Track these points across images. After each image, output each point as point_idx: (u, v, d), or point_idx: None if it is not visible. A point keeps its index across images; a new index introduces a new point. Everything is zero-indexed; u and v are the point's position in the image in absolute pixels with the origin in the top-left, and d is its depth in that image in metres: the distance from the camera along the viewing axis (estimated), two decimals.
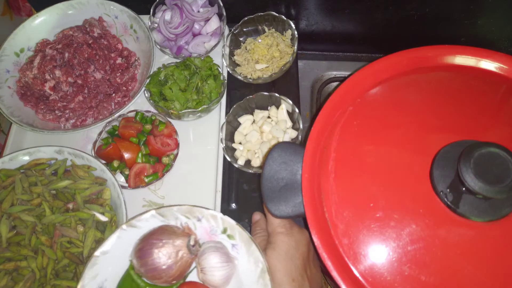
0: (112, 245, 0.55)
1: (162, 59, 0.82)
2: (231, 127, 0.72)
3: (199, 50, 0.79)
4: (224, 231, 0.56)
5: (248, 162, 0.70)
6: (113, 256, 0.55)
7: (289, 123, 0.71)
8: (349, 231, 0.43)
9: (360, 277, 0.41)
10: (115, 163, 0.69)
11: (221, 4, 0.79)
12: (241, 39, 0.81)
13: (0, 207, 0.61)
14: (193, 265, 0.56)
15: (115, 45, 0.82)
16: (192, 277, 0.57)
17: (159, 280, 0.53)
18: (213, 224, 0.56)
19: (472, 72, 0.51)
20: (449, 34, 0.83)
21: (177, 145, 0.71)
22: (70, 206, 0.62)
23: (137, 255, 0.53)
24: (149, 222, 0.56)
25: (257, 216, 0.62)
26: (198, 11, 0.80)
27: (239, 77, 0.76)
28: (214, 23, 0.79)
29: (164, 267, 0.52)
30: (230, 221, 0.55)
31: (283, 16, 0.77)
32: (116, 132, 0.72)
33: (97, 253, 0.54)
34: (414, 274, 0.40)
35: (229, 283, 0.54)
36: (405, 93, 0.51)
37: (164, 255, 0.52)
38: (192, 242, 0.54)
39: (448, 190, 0.41)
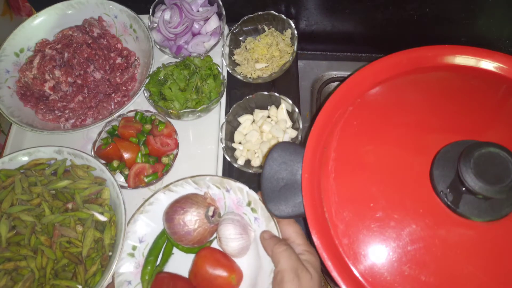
0: (152, 205, 0.63)
1: (162, 58, 0.82)
2: (231, 126, 0.72)
3: (199, 49, 0.79)
4: (249, 204, 0.61)
5: (248, 162, 0.70)
6: (152, 215, 0.63)
7: (289, 123, 0.71)
8: (349, 231, 0.43)
9: (360, 277, 0.41)
10: (115, 163, 0.69)
11: (221, 3, 0.79)
12: (240, 38, 0.81)
13: (0, 207, 0.61)
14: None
15: (114, 45, 0.82)
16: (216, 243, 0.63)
17: (181, 242, 0.60)
18: (240, 196, 0.61)
19: (472, 72, 0.51)
20: (449, 34, 0.83)
21: (176, 145, 0.71)
22: (70, 206, 0.62)
23: (164, 218, 0.61)
24: (184, 188, 0.64)
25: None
26: (198, 11, 0.80)
27: (238, 76, 0.76)
28: (214, 23, 0.79)
29: (183, 232, 0.59)
30: (254, 196, 0.60)
31: (283, 15, 0.77)
32: (116, 132, 0.72)
33: (138, 212, 0.62)
34: (414, 274, 0.40)
35: (245, 253, 0.59)
36: (405, 93, 0.50)
37: (183, 222, 0.58)
38: (210, 213, 0.59)
39: (448, 190, 0.41)
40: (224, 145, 0.69)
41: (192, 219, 0.58)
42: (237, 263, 0.59)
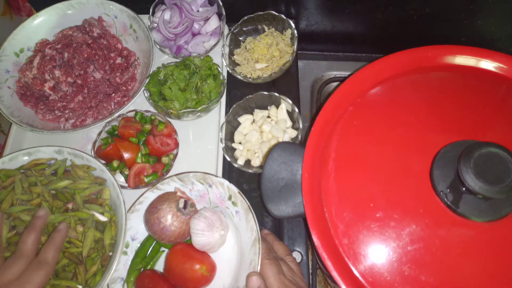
0: (142, 204, 0.65)
1: (162, 58, 0.82)
2: (231, 126, 0.72)
3: (199, 49, 0.79)
4: (230, 198, 0.61)
5: (248, 162, 0.70)
6: (142, 213, 0.64)
7: (289, 123, 0.71)
8: (349, 231, 0.43)
9: (360, 277, 0.41)
10: (115, 163, 0.69)
11: (221, 3, 0.79)
12: (240, 38, 0.81)
13: (0, 207, 0.61)
14: None
15: (114, 45, 0.82)
16: None
17: (163, 240, 0.61)
18: (221, 190, 0.62)
19: (472, 72, 0.51)
20: (449, 34, 0.83)
21: (176, 145, 0.71)
22: (70, 206, 0.62)
23: (144, 221, 0.63)
24: (170, 185, 0.65)
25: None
26: (198, 11, 0.80)
27: (238, 76, 0.76)
28: (214, 23, 0.79)
29: (160, 230, 0.59)
30: (234, 189, 0.61)
31: (283, 15, 0.77)
32: (116, 132, 0.72)
33: (129, 211, 0.64)
34: (414, 274, 0.40)
35: (213, 250, 0.60)
36: (405, 93, 0.51)
37: (158, 220, 0.59)
38: (181, 205, 0.60)
39: (448, 190, 0.41)
40: (224, 145, 0.69)
41: (165, 215, 0.59)
42: (211, 256, 0.60)
